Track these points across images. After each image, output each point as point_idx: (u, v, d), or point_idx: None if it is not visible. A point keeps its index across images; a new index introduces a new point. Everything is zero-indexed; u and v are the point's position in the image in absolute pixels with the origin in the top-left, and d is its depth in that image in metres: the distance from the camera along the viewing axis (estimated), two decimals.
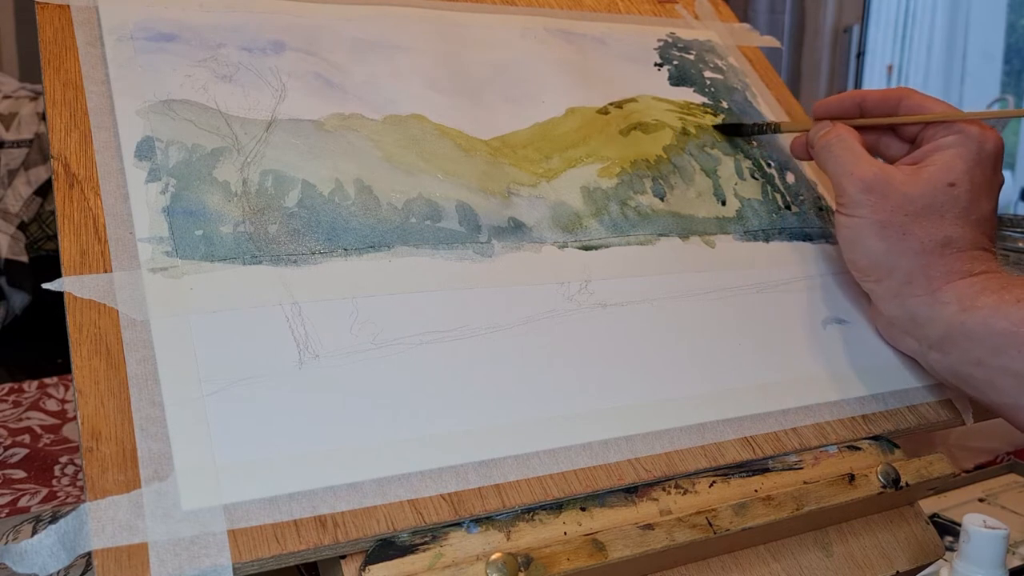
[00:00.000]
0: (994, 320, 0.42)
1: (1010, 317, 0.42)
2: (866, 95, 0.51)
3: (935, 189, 0.45)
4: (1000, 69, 3.44)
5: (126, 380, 0.35)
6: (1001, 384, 0.43)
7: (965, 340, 0.43)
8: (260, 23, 0.49)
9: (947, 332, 0.44)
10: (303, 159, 0.44)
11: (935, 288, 0.45)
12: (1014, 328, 0.42)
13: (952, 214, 0.45)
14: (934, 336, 0.45)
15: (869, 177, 0.46)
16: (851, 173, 0.46)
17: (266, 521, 0.33)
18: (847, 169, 0.47)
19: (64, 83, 0.42)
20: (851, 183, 0.46)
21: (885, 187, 0.45)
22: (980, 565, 0.39)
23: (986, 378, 0.43)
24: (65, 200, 0.39)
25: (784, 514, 0.42)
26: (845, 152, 0.48)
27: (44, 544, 0.32)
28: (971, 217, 0.45)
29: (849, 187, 0.46)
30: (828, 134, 0.49)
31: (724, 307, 0.49)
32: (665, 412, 0.43)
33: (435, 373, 0.40)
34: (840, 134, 0.49)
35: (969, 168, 0.45)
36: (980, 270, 0.45)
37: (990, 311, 0.43)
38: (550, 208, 0.48)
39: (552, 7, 0.60)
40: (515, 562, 0.36)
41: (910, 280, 0.45)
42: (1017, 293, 0.43)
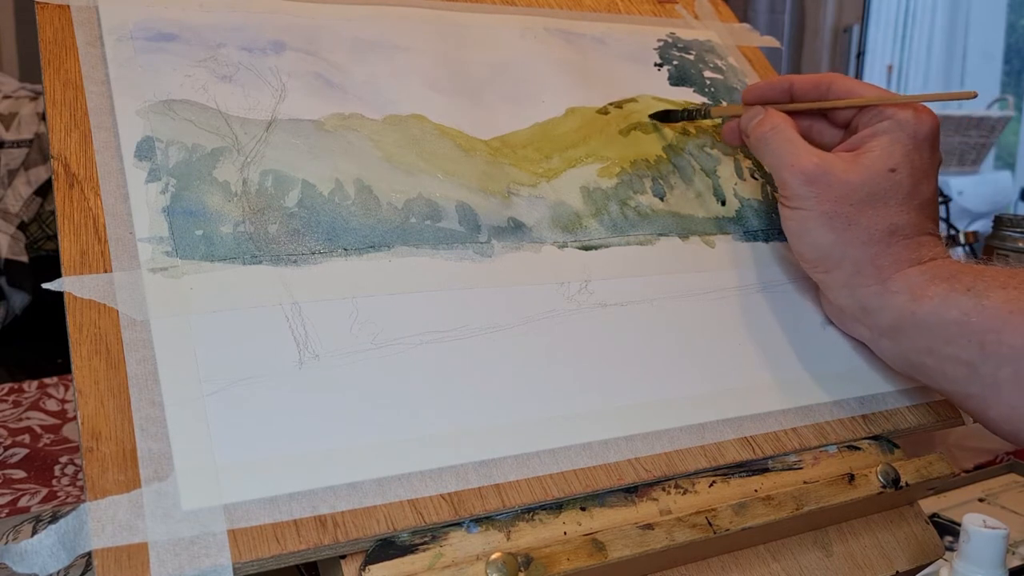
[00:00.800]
0: (944, 309, 0.42)
1: (960, 306, 0.42)
2: (795, 80, 0.50)
3: (876, 176, 0.44)
4: (1000, 69, 3.45)
5: (126, 380, 0.35)
6: (952, 372, 0.42)
7: (915, 329, 0.43)
8: (260, 23, 0.49)
9: (898, 321, 0.44)
10: (303, 159, 0.44)
11: (885, 277, 0.45)
12: (964, 317, 0.41)
13: (895, 200, 0.45)
14: (885, 324, 0.45)
15: (810, 169, 0.45)
16: (791, 165, 0.45)
17: (266, 521, 0.33)
18: (786, 161, 0.46)
19: (64, 83, 0.42)
20: (792, 176, 0.45)
21: (827, 177, 0.45)
22: (980, 565, 0.39)
23: (937, 366, 0.43)
24: (65, 200, 0.39)
25: (784, 514, 0.42)
26: (783, 143, 0.46)
27: (44, 544, 0.32)
28: (914, 202, 0.45)
29: (791, 180, 0.45)
30: (762, 123, 0.48)
31: (724, 307, 0.49)
32: (665, 412, 0.43)
33: (435, 373, 0.40)
34: (775, 123, 0.48)
35: (907, 152, 0.45)
36: (928, 257, 0.45)
37: (940, 300, 0.42)
38: (550, 208, 0.48)
39: (552, 7, 0.60)
40: (515, 562, 0.36)
41: (859, 270, 0.45)
42: (966, 281, 0.42)
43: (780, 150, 0.46)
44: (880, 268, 0.45)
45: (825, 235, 0.45)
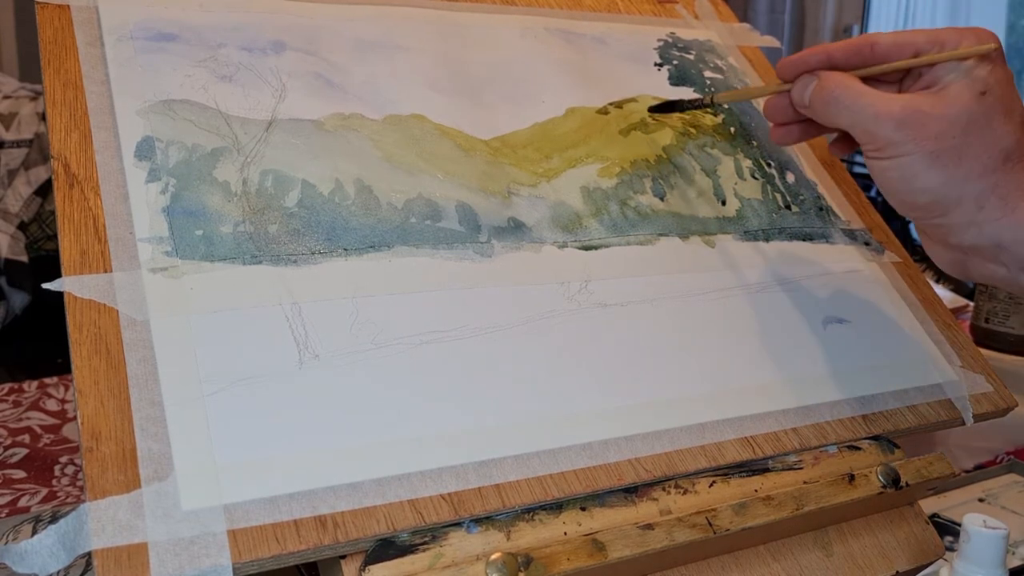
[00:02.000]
0: None
1: None
2: (830, 50, 0.46)
3: (970, 103, 0.41)
4: None
5: (126, 380, 0.35)
6: None
7: None
8: (260, 23, 0.49)
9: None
10: (303, 159, 0.44)
11: (1014, 206, 0.41)
12: None
13: (998, 123, 0.42)
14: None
15: (899, 112, 0.41)
16: (877, 115, 0.42)
17: (266, 521, 0.33)
18: (868, 112, 0.42)
19: (64, 83, 0.42)
20: (882, 125, 0.42)
21: (920, 116, 0.41)
22: (980, 565, 0.39)
23: None
24: (65, 200, 0.39)
25: (784, 514, 0.42)
26: (857, 96, 0.43)
27: (44, 544, 0.32)
28: (1015, 120, 0.42)
29: (881, 130, 0.42)
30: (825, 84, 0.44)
31: (724, 307, 0.49)
32: (665, 412, 0.43)
33: (435, 373, 0.40)
34: (839, 80, 0.44)
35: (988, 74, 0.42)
36: None
37: None
38: (550, 208, 0.48)
39: (552, 7, 0.60)
40: (515, 562, 0.36)
41: (982, 205, 0.42)
42: None
43: (856, 103, 0.43)
44: (1005, 198, 0.41)
45: (935, 175, 0.42)
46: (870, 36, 0.45)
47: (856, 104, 0.43)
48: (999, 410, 0.53)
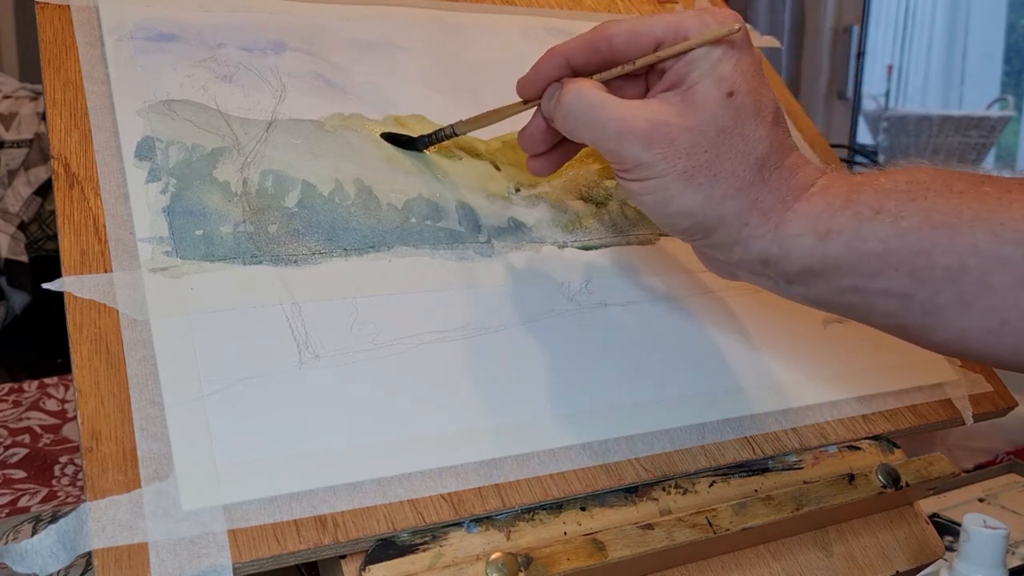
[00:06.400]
0: (858, 242, 0.37)
1: (876, 235, 0.36)
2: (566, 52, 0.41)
3: (716, 109, 0.37)
4: (1000, 69, 3.44)
5: (126, 380, 0.35)
6: (883, 307, 0.38)
7: (831, 271, 0.38)
8: (260, 23, 0.49)
9: (807, 266, 0.38)
10: (303, 159, 0.44)
11: (776, 222, 0.38)
12: (883, 246, 0.36)
13: (749, 127, 0.38)
14: (792, 271, 0.39)
15: (644, 128, 0.37)
16: (621, 132, 0.37)
17: (266, 521, 0.33)
18: (613, 129, 0.38)
19: (64, 83, 0.42)
20: (627, 144, 0.37)
21: (668, 131, 0.37)
22: (980, 565, 0.39)
23: (864, 303, 0.38)
24: (65, 200, 0.39)
25: (784, 514, 0.42)
26: (596, 109, 0.38)
27: (44, 544, 0.32)
28: (765, 120, 0.38)
29: (627, 149, 0.37)
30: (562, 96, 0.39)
31: (724, 307, 0.49)
32: (665, 412, 0.43)
33: (435, 373, 0.40)
34: (577, 90, 0.39)
35: (734, 67, 0.38)
36: (809, 181, 0.39)
37: (852, 234, 0.37)
38: (550, 208, 0.48)
39: (552, 7, 0.60)
40: (515, 562, 0.36)
41: (745, 222, 0.38)
42: (870, 202, 0.37)
43: (596, 117, 0.38)
44: (767, 213, 0.38)
45: (692, 197, 0.38)
46: (606, 27, 0.40)
47: (595, 116, 0.38)
48: (999, 410, 0.53)
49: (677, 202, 0.38)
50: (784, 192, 0.38)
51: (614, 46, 0.40)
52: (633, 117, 0.37)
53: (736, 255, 0.40)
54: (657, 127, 0.37)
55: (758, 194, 0.38)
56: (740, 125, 0.38)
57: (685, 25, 0.38)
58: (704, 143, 0.37)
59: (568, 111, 0.39)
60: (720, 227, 0.39)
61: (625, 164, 0.38)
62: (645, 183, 0.38)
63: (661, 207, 0.39)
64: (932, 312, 0.37)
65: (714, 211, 0.38)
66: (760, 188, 0.38)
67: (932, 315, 0.37)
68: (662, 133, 0.37)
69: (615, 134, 0.38)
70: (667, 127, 0.37)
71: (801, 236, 0.38)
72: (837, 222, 0.37)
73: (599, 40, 0.40)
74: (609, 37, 0.40)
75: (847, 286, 0.38)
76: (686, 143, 0.37)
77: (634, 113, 0.38)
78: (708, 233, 0.39)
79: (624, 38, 0.39)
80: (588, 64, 0.40)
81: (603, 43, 0.40)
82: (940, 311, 0.36)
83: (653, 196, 0.38)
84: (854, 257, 0.37)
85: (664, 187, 0.38)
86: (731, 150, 0.38)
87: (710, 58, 0.38)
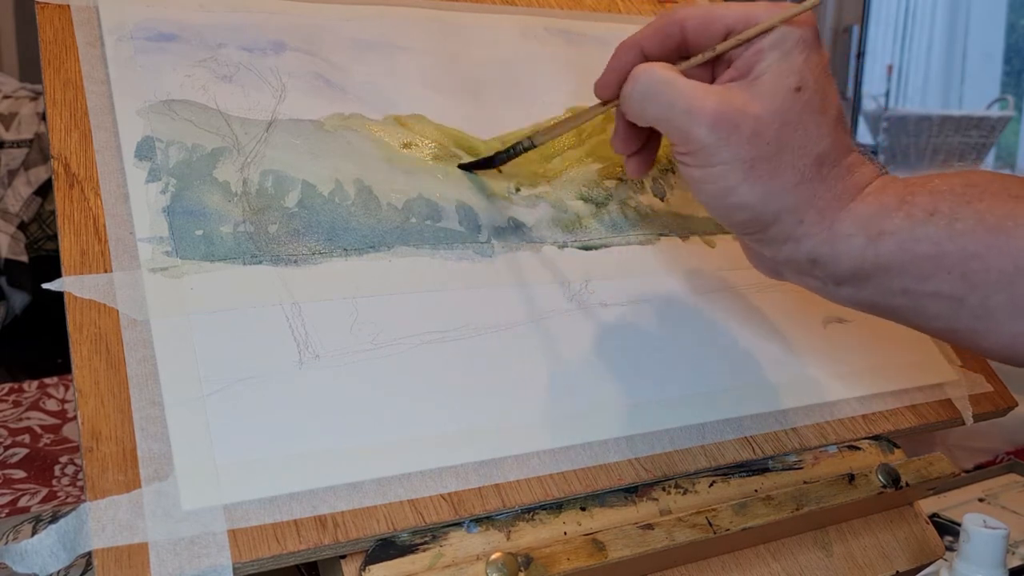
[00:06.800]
0: (911, 244, 0.37)
1: (929, 237, 0.36)
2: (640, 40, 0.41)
3: (784, 101, 0.37)
4: (1000, 69, 3.45)
5: (126, 380, 0.35)
6: (933, 310, 0.37)
7: (882, 272, 0.38)
8: (260, 23, 0.49)
9: (859, 267, 0.38)
10: (303, 159, 0.44)
11: (831, 220, 0.38)
12: (936, 249, 0.36)
13: (812, 123, 0.38)
14: (842, 272, 0.39)
15: (713, 109, 0.37)
16: (688, 110, 0.37)
17: (266, 521, 0.33)
18: (682, 106, 0.37)
19: (64, 83, 0.42)
20: (695, 122, 0.37)
21: (735, 115, 0.37)
22: (980, 565, 0.39)
23: (914, 306, 0.38)
24: (65, 200, 0.39)
25: (784, 514, 0.42)
26: (665, 88, 0.38)
27: (44, 544, 0.32)
28: (829, 119, 0.38)
29: (694, 128, 0.37)
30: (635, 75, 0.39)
31: (724, 307, 0.49)
32: (665, 412, 0.43)
33: (435, 373, 0.40)
34: (650, 69, 0.39)
35: (805, 62, 0.38)
36: (866, 181, 0.39)
37: (905, 235, 0.37)
38: (550, 208, 0.48)
39: (552, 7, 0.60)
40: (515, 562, 0.36)
41: (801, 219, 0.38)
42: (924, 204, 0.37)
43: (666, 94, 0.38)
44: (823, 211, 0.38)
45: (752, 189, 0.37)
46: (677, 13, 0.40)
47: (665, 96, 0.38)
48: (999, 410, 0.53)
49: (737, 193, 0.38)
50: (840, 191, 0.38)
51: (685, 32, 0.40)
52: (703, 97, 0.37)
53: (786, 252, 0.39)
54: (724, 110, 0.37)
55: (816, 191, 0.38)
56: (804, 120, 0.38)
57: (757, 13, 0.38)
58: (768, 134, 0.37)
59: (638, 89, 0.39)
60: (776, 222, 0.38)
61: (689, 146, 0.38)
62: (706, 170, 0.38)
63: (720, 198, 0.38)
64: (983, 316, 0.36)
65: (772, 205, 0.38)
66: (818, 185, 0.38)
67: (983, 319, 0.36)
68: (728, 117, 0.37)
69: (683, 112, 0.37)
70: (734, 111, 0.37)
71: (853, 236, 0.38)
72: (890, 223, 0.37)
73: (670, 25, 0.40)
74: (680, 22, 0.40)
75: (897, 288, 0.38)
76: (750, 130, 0.37)
77: (703, 94, 0.37)
78: (764, 228, 0.39)
79: (695, 23, 0.39)
80: (661, 51, 0.40)
81: (674, 28, 0.40)
82: (992, 315, 0.36)
83: (714, 185, 0.38)
84: (906, 259, 0.37)
85: (725, 176, 0.37)
86: (793, 144, 0.37)
87: (779, 50, 0.38)
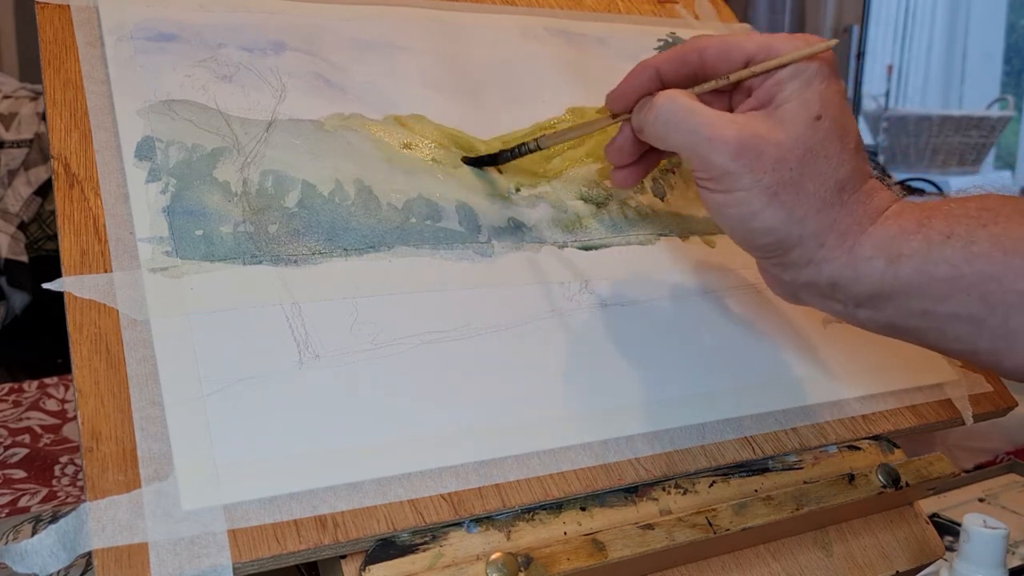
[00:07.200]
0: (929, 266, 0.37)
1: (947, 259, 0.37)
2: (658, 64, 0.42)
3: (805, 129, 0.38)
4: (1000, 69, 3.44)
5: (126, 380, 0.35)
6: (953, 331, 0.38)
7: (901, 294, 0.38)
8: (260, 23, 0.49)
9: (878, 289, 0.39)
10: (303, 159, 0.44)
11: (851, 244, 0.39)
12: (954, 271, 0.37)
13: (833, 151, 0.39)
14: (862, 295, 0.39)
15: (735, 136, 0.38)
16: (710, 139, 0.38)
17: (266, 521, 0.33)
18: (702, 134, 0.38)
19: (64, 83, 0.42)
20: (717, 151, 0.38)
21: (758, 143, 0.38)
22: (980, 565, 0.39)
23: (934, 327, 0.39)
24: (65, 200, 0.39)
25: (784, 514, 0.42)
26: (688, 115, 0.39)
27: (44, 544, 0.32)
28: (849, 146, 0.39)
29: (716, 156, 0.38)
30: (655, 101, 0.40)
31: (724, 307, 0.49)
32: (665, 412, 0.43)
33: (435, 373, 0.40)
34: (670, 95, 0.40)
35: (823, 92, 0.39)
36: (884, 206, 0.40)
37: (923, 257, 0.37)
38: (550, 208, 0.48)
39: (552, 7, 0.60)
40: (515, 562, 0.36)
41: (822, 243, 0.39)
42: (941, 227, 0.38)
43: (688, 122, 0.39)
44: (843, 235, 0.39)
45: (776, 214, 0.38)
46: (697, 41, 0.41)
47: (688, 124, 0.39)
48: (999, 410, 0.53)
49: (760, 218, 0.38)
50: (860, 215, 0.39)
51: (704, 59, 0.41)
52: (725, 125, 0.38)
53: (806, 276, 0.40)
54: (747, 138, 0.38)
55: (836, 215, 0.39)
56: (825, 148, 0.39)
57: (776, 45, 0.39)
58: (791, 160, 0.38)
59: (661, 116, 0.40)
60: (798, 246, 0.39)
61: (712, 172, 0.38)
62: (729, 195, 0.39)
63: (743, 222, 0.39)
64: (1005, 337, 0.37)
65: (795, 229, 0.39)
66: (839, 210, 0.39)
67: (1005, 340, 0.37)
68: (751, 144, 0.38)
69: (706, 139, 0.38)
70: (757, 139, 0.38)
71: (873, 259, 0.38)
72: (908, 246, 0.38)
73: (690, 53, 0.41)
74: (700, 50, 0.41)
75: (916, 310, 0.38)
76: (773, 158, 0.38)
77: (726, 122, 0.38)
78: (786, 251, 0.39)
79: (715, 52, 0.40)
80: (677, 76, 0.41)
81: (693, 56, 0.41)
82: (1013, 336, 0.37)
83: (737, 210, 0.39)
84: (924, 280, 0.38)
85: (748, 201, 0.38)
86: (815, 171, 0.38)
87: (800, 80, 0.39)
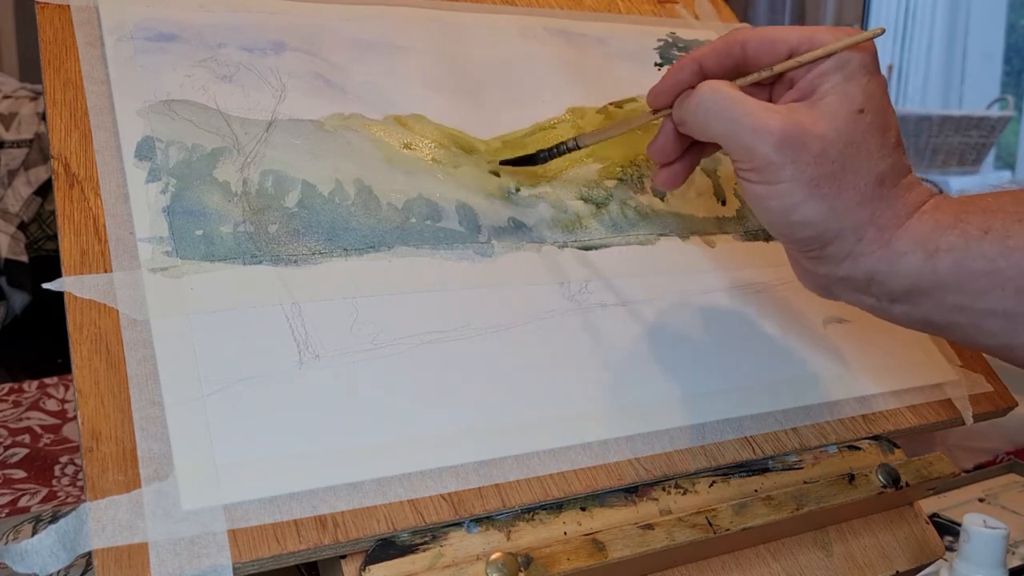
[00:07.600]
0: (967, 261, 0.37)
1: (984, 254, 0.37)
2: (700, 57, 0.41)
3: (847, 122, 0.38)
4: (1000, 69, 3.44)
5: (126, 380, 0.35)
6: (990, 327, 0.38)
7: (938, 289, 0.38)
8: (260, 23, 0.49)
9: (914, 284, 0.39)
10: (303, 159, 0.44)
11: (888, 238, 0.39)
12: (991, 265, 0.37)
13: (874, 145, 0.39)
14: (898, 290, 0.39)
15: (779, 127, 0.37)
16: (753, 128, 0.38)
17: (266, 521, 0.33)
18: (746, 124, 0.38)
19: (64, 83, 0.42)
20: (760, 140, 0.37)
21: (801, 134, 0.37)
22: (980, 565, 0.39)
23: (971, 323, 0.39)
24: (65, 200, 0.39)
25: (784, 514, 0.42)
26: (732, 104, 0.38)
27: (44, 544, 0.32)
28: (889, 141, 0.39)
29: (760, 146, 0.38)
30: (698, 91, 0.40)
31: (724, 307, 0.49)
32: (665, 412, 0.43)
33: (435, 373, 0.40)
34: (713, 86, 0.40)
35: (866, 86, 0.39)
36: (921, 200, 0.40)
37: (960, 252, 0.37)
38: (550, 208, 0.48)
39: (552, 7, 0.60)
40: (515, 562, 0.36)
41: (861, 237, 0.39)
42: (978, 222, 0.38)
43: (732, 112, 0.38)
44: (882, 229, 0.39)
45: (817, 207, 0.38)
46: (740, 33, 0.41)
47: (731, 113, 0.39)
48: (999, 410, 0.53)
49: (801, 210, 0.38)
50: (899, 209, 0.39)
51: (747, 51, 0.41)
52: (769, 115, 0.38)
53: (844, 270, 0.40)
54: (791, 128, 0.38)
55: (876, 209, 0.39)
56: (867, 141, 0.38)
57: (819, 36, 0.39)
58: (832, 153, 0.38)
59: (703, 105, 0.39)
60: (837, 239, 0.39)
61: (754, 163, 0.38)
62: (771, 187, 0.38)
63: (784, 215, 0.39)
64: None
65: (835, 223, 0.39)
66: (878, 204, 0.39)
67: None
68: (795, 135, 0.37)
69: (749, 129, 0.38)
70: (801, 130, 0.38)
71: (910, 253, 0.38)
72: (946, 240, 0.38)
73: (732, 45, 0.41)
74: (743, 42, 0.41)
75: (953, 305, 0.38)
76: (816, 150, 0.38)
77: (769, 112, 0.38)
78: (824, 245, 0.39)
79: (757, 44, 0.40)
80: (720, 68, 0.41)
81: (736, 48, 0.41)
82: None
83: (778, 202, 0.38)
84: (962, 275, 0.37)
85: (790, 193, 0.38)
86: (856, 164, 0.38)
87: (842, 73, 0.39)
